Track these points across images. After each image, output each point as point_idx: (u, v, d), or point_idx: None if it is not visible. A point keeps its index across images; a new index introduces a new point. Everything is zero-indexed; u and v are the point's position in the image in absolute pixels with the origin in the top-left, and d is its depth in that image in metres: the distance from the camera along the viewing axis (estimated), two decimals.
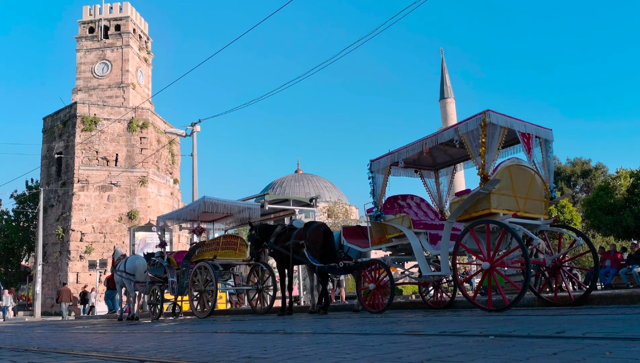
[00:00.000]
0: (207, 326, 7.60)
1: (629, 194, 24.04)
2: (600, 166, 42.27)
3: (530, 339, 3.09)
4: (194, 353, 3.48)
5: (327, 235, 9.46)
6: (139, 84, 38.75)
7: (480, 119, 6.68)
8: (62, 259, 31.85)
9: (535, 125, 7.27)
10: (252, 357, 3.02)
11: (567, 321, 4.46)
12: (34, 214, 36.43)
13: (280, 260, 10.25)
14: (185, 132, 21.75)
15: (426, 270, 7.69)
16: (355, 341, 3.63)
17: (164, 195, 35.46)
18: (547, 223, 7.23)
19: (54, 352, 4.35)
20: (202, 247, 11.79)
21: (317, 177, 64.23)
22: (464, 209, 6.87)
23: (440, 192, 9.14)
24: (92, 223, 32.07)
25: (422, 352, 2.76)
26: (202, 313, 11.15)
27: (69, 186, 32.49)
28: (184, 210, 12.98)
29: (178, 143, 38.00)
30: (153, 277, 12.88)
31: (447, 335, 3.69)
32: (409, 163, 8.45)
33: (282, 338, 4.31)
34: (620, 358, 2.17)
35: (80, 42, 37.89)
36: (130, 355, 3.65)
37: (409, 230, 7.70)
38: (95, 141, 33.08)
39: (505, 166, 6.87)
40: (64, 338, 6.80)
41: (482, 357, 2.43)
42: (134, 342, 4.97)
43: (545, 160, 7.34)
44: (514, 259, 6.68)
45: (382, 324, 5.34)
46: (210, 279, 10.99)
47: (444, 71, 73.85)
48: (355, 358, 2.67)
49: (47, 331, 9.48)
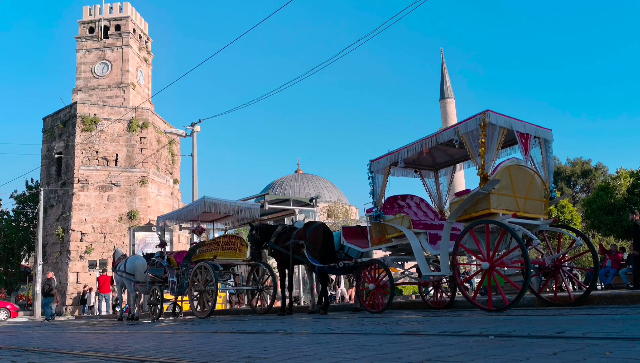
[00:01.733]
0: (207, 326, 7.60)
1: (629, 194, 24.02)
2: (600, 166, 42.25)
3: (530, 339, 3.09)
4: (194, 353, 3.48)
5: (326, 235, 9.47)
6: (139, 84, 38.74)
7: (479, 119, 6.69)
8: (62, 259, 31.83)
9: (534, 125, 7.27)
10: (252, 357, 3.02)
11: (567, 321, 4.46)
12: (34, 214, 36.40)
13: (281, 260, 10.26)
14: (185, 132, 21.75)
15: (426, 270, 7.69)
16: (355, 341, 3.63)
17: (164, 195, 35.45)
18: (546, 223, 7.24)
19: (54, 352, 4.35)
20: (202, 247, 11.80)
21: (317, 177, 64.22)
22: (463, 209, 6.88)
23: (440, 192, 9.15)
24: (92, 223, 32.06)
25: (422, 352, 2.76)
26: (202, 313, 11.16)
27: (69, 186, 32.48)
28: (184, 210, 12.98)
29: (178, 143, 37.98)
30: (153, 277, 12.89)
31: (447, 335, 3.69)
32: (409, 163, 8.46)
33: (282, 338, 4.31)
34: (620, 358, 2.17)
35: (80, 42, 37.86)
36: (130, 355, 3.65)
37: (409, 230, 7.71)
38: (95, 141, 33.07)
39: (505, 166, 6.87)
40: (64, 338, 6.80)
41: (482, 357, 2.43)
42: (134, 342, 4.97)
43: (545, 160, 7.34)
44: (514, 259, 6.68)
45: (382, 324, 5.34)
46: (210, 279, 11.00)
47: (444, 71, 73.83)
48: (355, 358, 2.67)
49: (47, 331, 9.48)
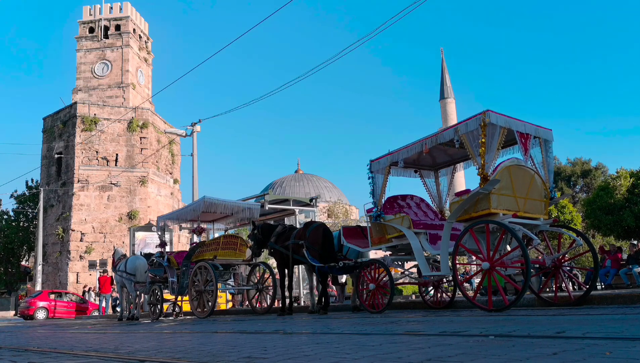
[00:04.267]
0: (207, 326, 7.60)
1: (629, 194, 24.00)
2: (600, 166, 42.26)
3: (530, 339, 3.09)
4: (194, 353, 3.48)
5: (326, 235, 9.46)
6: (139, 84, 38.74)
7: (480, 119, 6.69)
8: (62, 259, 31.84)
9: (535, 125, 7.27)
10: (252, 357, 3.02)
11: (567, 321, 4.46)
12: (34, 214, 36.42)
13: (280, 259, 10.26)
14: (185, 132, 21.76)
15: (426, 270, 7.69)
16: (355, 341, 3.63)
17: (164, 195, 35.45)
18: (546, 223, 7.24)
19: (54, 352, 4.35)
20: (202, 247, 11.80)
21: (317, 177, 64.25)
22: (463, 209, 6.88)
23: (440, 192, 9.15)
24: (92, 223, 32.07)
25: (422, 352, 2.76)
26: (202, 313, 11.16)
27: (69, 186, 32.49)
28: (184, 210, 12.98)
29: (178, 143, 37.99)
30: (153, 277, 12.89)
31: (447, 335, 3.69)
32: (409, 163, 8.46)
33: (282, 338, 4.31)
34: (620, 358, 2.17)
35: (80, 42, 37.88)
36: (130, 355, 3.65)
37: (409, 230, 7.70)
38: (95, 141, 33.08)
39: (505, 166, 6.87)
40: (64, 338, 6.80)
41: (482, 357, 2.43)
42: (134, 342, 4.97)
43: (545, 160, 7.34)
44: (514, 259, 6.68)
45: (382, 324, 5.34)
46: (210, 279, 11.00)
47: (444, 71, 73.84)
48: (355, 358, 2.67)
49: (47, 331, 9.48)
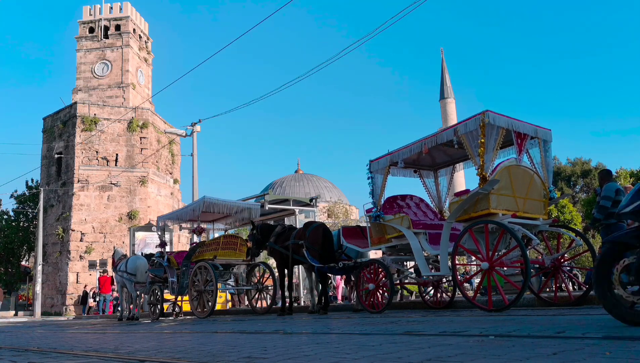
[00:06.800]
0: (207, 326, 7.61)
1: None
2: (600, 166, 42.25)
3: (530, 339, 3.10)
4: (194, 353, 3.48)
5: (326, 235, 9.46)
6: (139, 84, 38.72)
7: (479, 119, 6.69)
8: (62, 259, 31.82)
9: (534, 125, 7.28)
10: (252, 357, 3.02)
11: (567, 321, 4.46)
12: (34, 214, 36.38)
13: (280, 259, 10.26)
14: (185, 132, 21.75)
15: (425, 270, 7.70)
16: (355, 341, 3.63)
17: (164, 195, 35.43)
18: (546, 223, 7.24)
19: (54, 352, 4.36)
20: (202, 247, 11.80)
21: (317, 177, 64.22)
22: (463, 209, 6.88)
23: (439, 192, 9.15)
24: (92, 223, 32.05)
25: (422, 352, 2.76)
26: (202, 313, 11.16)
27: (69, 186, 32.47)
28: (184, 210, 12.99)
29: (178, 143, 37.96)
30: (153, 277, 12.89)
31: (447, 335, 3.70)
32: (408, 163, 8.46)
33: (282, 338, 4.32)
34: (620, 358, 2.18)
35: (80, 42, 37.84)
36: (130, 355, 3.65)
37: (409, 230, 7.70)
38: (95, 141, 33.06)
39: (504, 166, 6.88)
40: (64, 338, 6.81)
41: (482, 357, 2.43)
42: (134, 342, 4.98)
43: (544, 160, 7.35)
44: (513, 259, 6.68)
45: (382, 324, 5.35)
46: (210, 279, 11.00)
47: (444, 71, 73.81)
48: (355, 358, 2.67)
49: (47, 331, 9.48)
